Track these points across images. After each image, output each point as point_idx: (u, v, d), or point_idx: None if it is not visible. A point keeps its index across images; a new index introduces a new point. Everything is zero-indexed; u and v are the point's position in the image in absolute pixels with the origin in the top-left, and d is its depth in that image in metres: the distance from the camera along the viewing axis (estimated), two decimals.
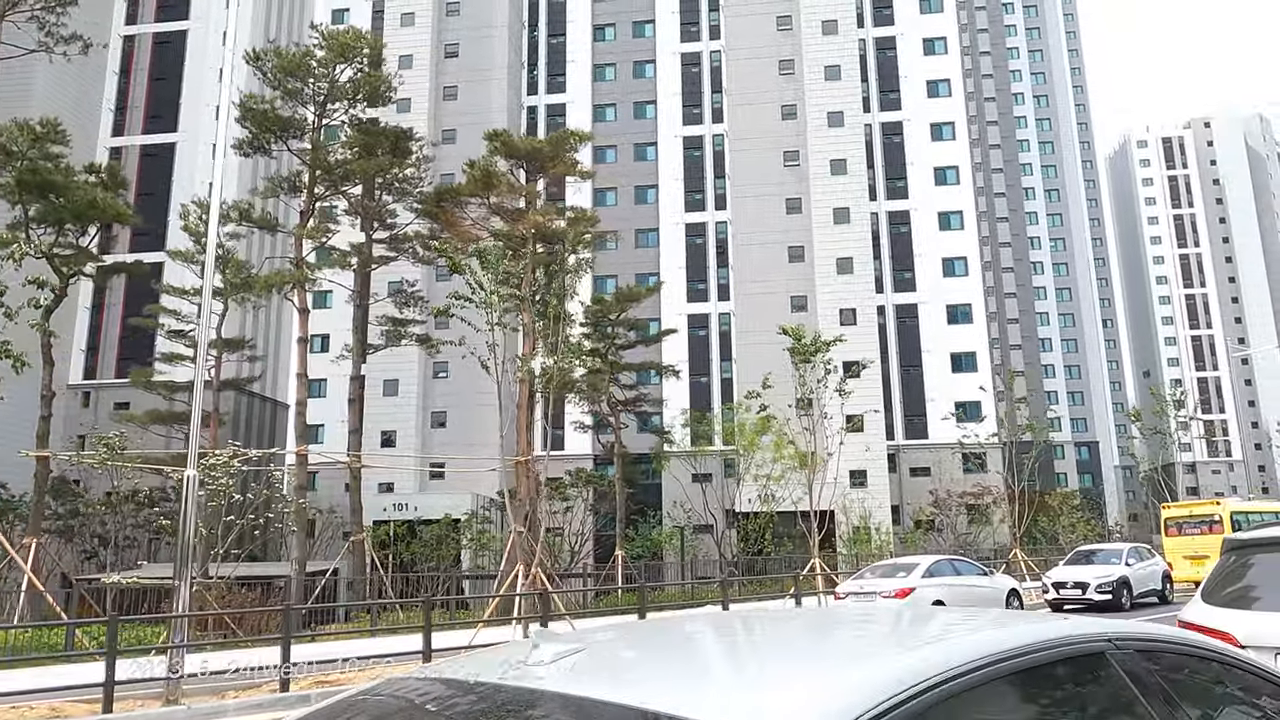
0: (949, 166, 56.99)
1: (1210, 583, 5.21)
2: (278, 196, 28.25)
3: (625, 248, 58.85)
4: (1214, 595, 5.04)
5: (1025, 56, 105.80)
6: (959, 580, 18.30)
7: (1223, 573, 5.15)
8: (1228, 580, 5.07)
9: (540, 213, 27.67)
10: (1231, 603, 4.88)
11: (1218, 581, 5.15)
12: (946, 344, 55.00)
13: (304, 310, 27.17)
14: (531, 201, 28.69)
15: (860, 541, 42.81)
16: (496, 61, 58.03)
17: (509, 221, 27.86)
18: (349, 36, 26.62)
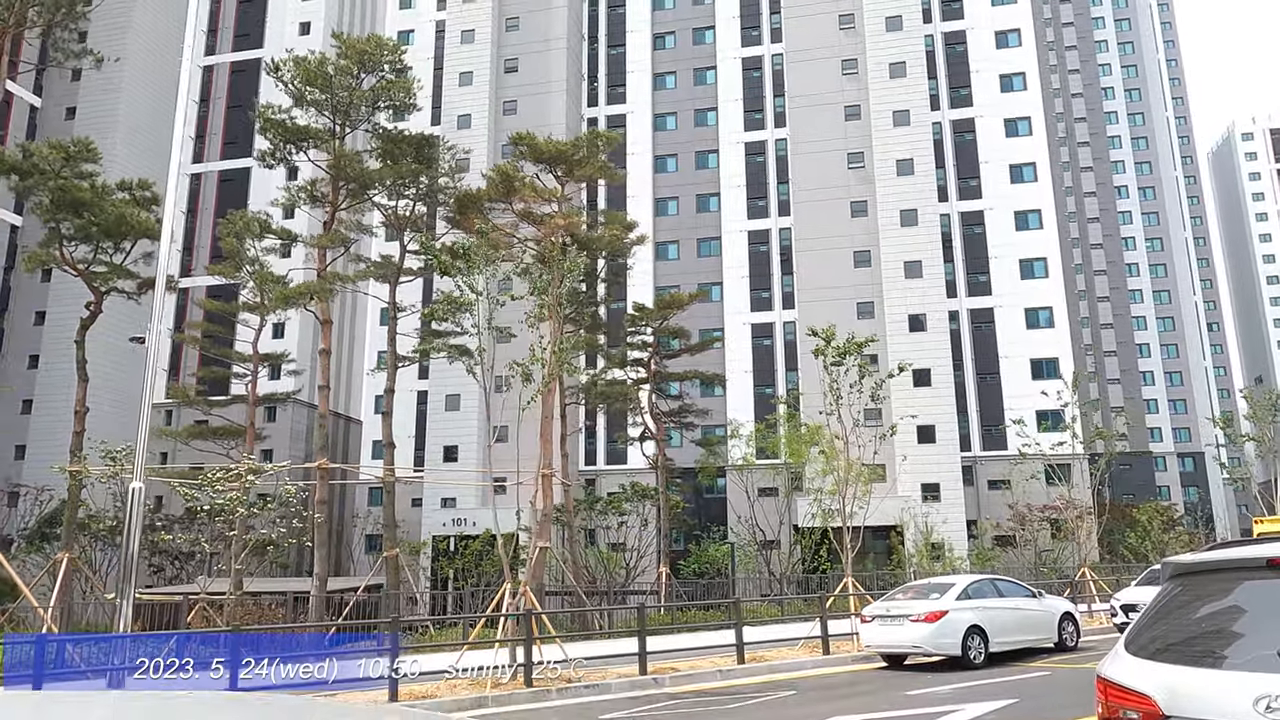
0: (1025, 163, 54.26)
1: (1141, 624, 3.90)
2: (299, 207, 28.33)
3: (687, 257, 57.89)
4: (1143, 642, 3.74)
5: (1115, 50, 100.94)
6: (1000, 603, 16.60)
7: (1160, 610, 3.84)
8: (1164, 620, 3.77)
9: (565, 215, 26.92)
10: (1162, 653, 3.59)
11: (1151, 622, 3.84)
12: (1026, 349, 52.18)
13: (326, 321, 27.03)
14: (560, 205, 28.01)
15: (930, 558, 40.60)
16: (554, 75, 57.90)
17: (536, 226, 27.21)
18: (367, 44, 26.50)
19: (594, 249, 29.86)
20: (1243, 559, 3.60)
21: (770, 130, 57.47)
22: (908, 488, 47.54)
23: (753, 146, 57.72)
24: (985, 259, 54.22)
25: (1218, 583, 3.65)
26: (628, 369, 34.06)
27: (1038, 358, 51.59)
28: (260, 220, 27.54)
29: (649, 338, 37.15)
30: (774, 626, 22.68)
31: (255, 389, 34.01)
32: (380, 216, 30.28)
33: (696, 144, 59.13)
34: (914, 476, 47.55)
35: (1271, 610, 3.42)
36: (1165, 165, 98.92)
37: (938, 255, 50.77)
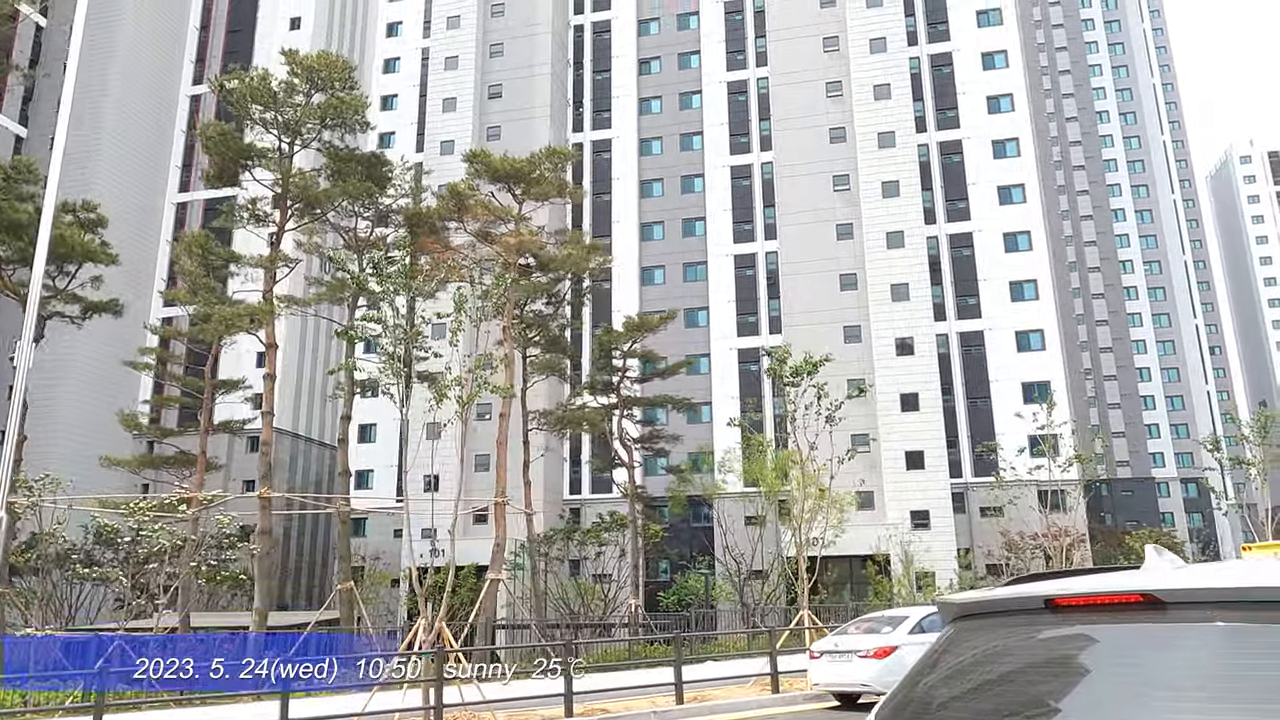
0: (1014, 185, 53.58)
1: (901, 692, 2.96)
2: (242, 228, 27.73)
3: (674, 281, 57.21)
4: (904, 716, 2.82)
5: (1109, 74, 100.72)
6: None
7: (929, 668, 2.93)
8: (928, 682, 2.86)
9: (518, 234, 26.20)
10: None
11: (916, 685, 2.93)
12: (1017, 373, 51.17)
13: (271, 345, 26.26)
14: (517, 224, 27.30)
15: (914, 588, 39.40)
16: (539, 100, 57.60)
17: (490, 246, 26.53)
18: (316, 61, 25.97)
19: (556, 270, 29.12)
20: (1018, 598, 2.70)
21: (756, 154, 57.00)
22: (896, 515, 46.43)
23: (739, 171, 57.21)
24: (974, 281, 53.40)
25: (995, 630, 2.76)
26: (597, 394, 33.18)
27: (1029, 381, 50.56)
28: (200, 241, 26.86)
29: (620, 361, 36.30)
30: (736, 662, 21.62)
31: (209, 417, 33.16)
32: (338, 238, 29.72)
33: (682, 168, 58.67)
34: (903, 504, 46.46)
35: (1042, 670, 2.54)
36: (1162, 188, 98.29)
37: (925, 278, 50.00)
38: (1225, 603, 2.23)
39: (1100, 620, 2.46)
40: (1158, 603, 2.31)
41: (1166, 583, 2.38)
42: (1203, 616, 2.25)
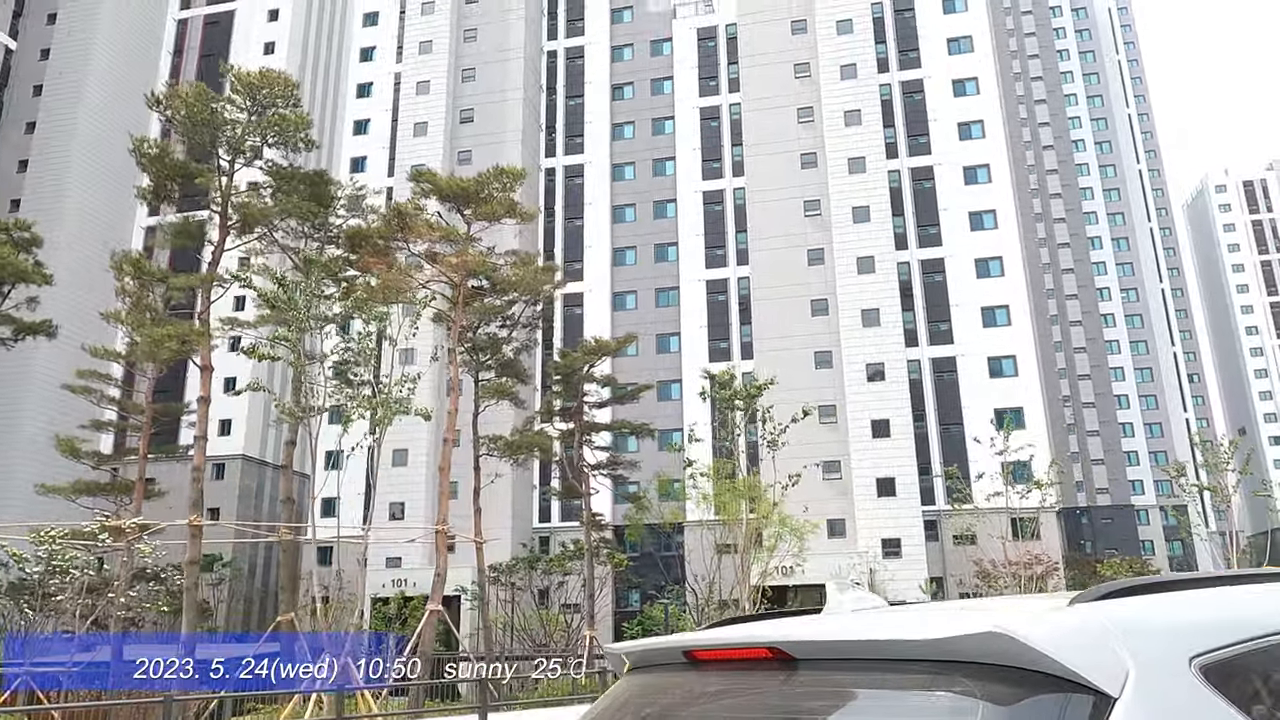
0: (985, 211, 53.50)
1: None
2: (184, 248, 27.17)
3: (646, 306, 56.80)
4: None
5: (1084, 103, 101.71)
6: None
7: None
8: None
9: (461, 254, 25.66)
10: None
11: None
12: (989, 400, 50.75)
13: (206, 368, 25.57)
14: (465, 245, 26.82)
15: None
16: (510, 125, 57.42)
17: (434, 266, 26.02)
18: (256, 78, 25.49)
19: (509, 292, 28.58)
20: (660, 650, 2.13)
21: (729, 179, 56.87)
22: (868, 542, 45.81)
23: (711, 195, 57.04)
24: (947, 307, 53.14)
25: (655, 683, 2.18)
26: (556, 419, 32.56)
27: (1002, 407, 50.09)
28: (132, 260, 26.15)
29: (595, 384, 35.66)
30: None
31: (146, 442, 32.31)
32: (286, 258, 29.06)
33: (655, 193, 58.49)
34: (874, 531, 45.86)
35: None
36: (1138, 216, 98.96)
37: (896, 303, 49.74)
38: (851, 659, 1.66)
39: (737, 678, 1.89)
40: (788, 658, 1.75)
41: (796, 635, 1.81)
42: (827, 676, 1.69)
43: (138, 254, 27.24)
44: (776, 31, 55.77)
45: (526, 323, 32.38)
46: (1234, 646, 1.56)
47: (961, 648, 1.48)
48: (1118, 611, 1.62)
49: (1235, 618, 1.68)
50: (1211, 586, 1.88)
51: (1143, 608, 1.68)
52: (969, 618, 1.57)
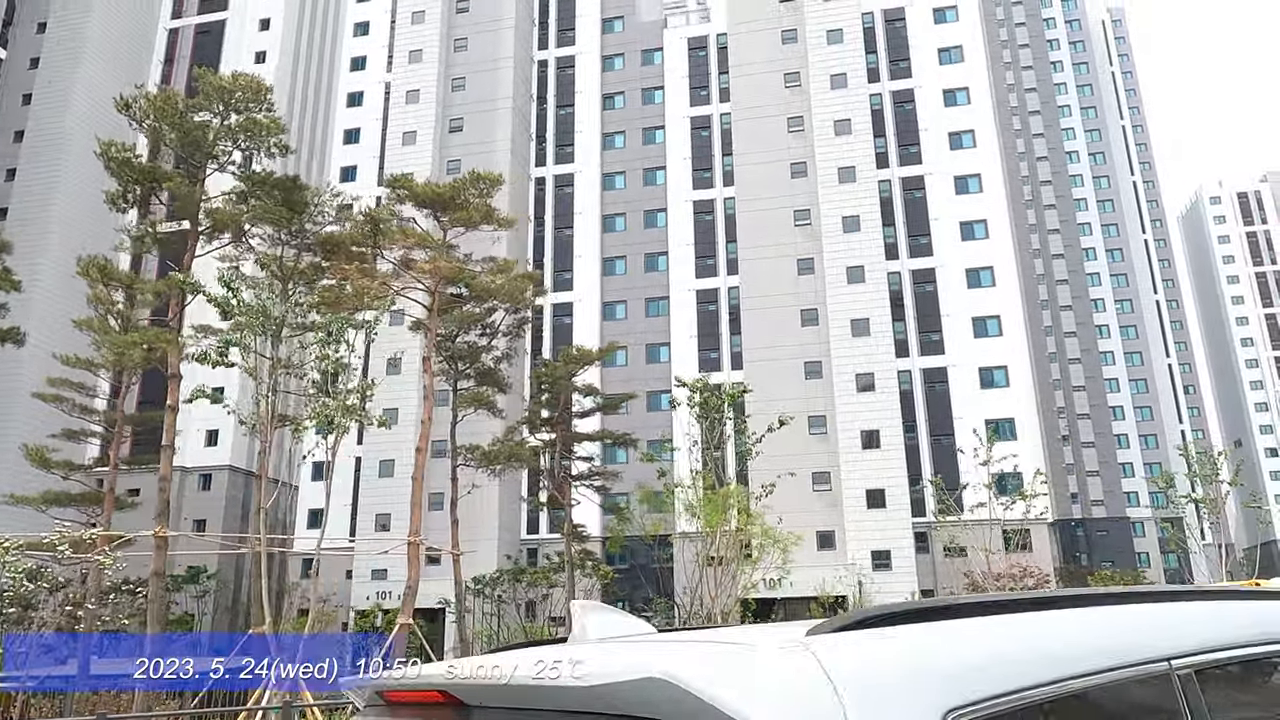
0: (976, 221, 53.28)
1: None
2: (150, 251, 26.81)
3: (635, 316, 56.48)
4: None
5: (1078, 115, 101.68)
6: None
7: None
8: None
9: (434, 260, 25.29)
10: None
11: None
12: (980, 410, 50.36)
13: (174, 376, 25.18)
14: (444, 251, 26.49)
15: None
16: (500, 134, 57.23)
17: (408, 273, 25.70)
18: (227, 81, 25.19)
19: (489, 300, 28.26)
20: (366, 688, 1.78)
21: (719, 189, 56.66)
22: (857, 554, 45.35)
23: (701, 205, 56.82)
24: (938, 317, 52.84)
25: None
26: (538, 429, 32.16)
27: (993, 418, 49.73)
28: (98, 263, 25.76)
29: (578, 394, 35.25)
30: None
31: (116, 452, 31.89)
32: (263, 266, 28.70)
33: (645, 203, 58.25)
34: (864, 543, 45.41)
35: None
36: (1132, 228, 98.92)
37: (886, 314, 49.44)
38: (519, 707, 1.30)
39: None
40: (459, 703, 1.39)
41: (465, 677, 1.45)
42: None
43: (104, 259, 26.78)
44: (767, 41, 55.67)
45: (508, 331, 32.06)
46: (999, 700, 1.17)
47: (622, 696, 1.11)
48: (853, 650, 1.24)
49: (1012, 659, 1.30)
50: (995, 614, 1.50)
51: (889, 646, 1.29)
52: (637, 658, 1.19)
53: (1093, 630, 1.45)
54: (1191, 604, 1.81)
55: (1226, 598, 1.99)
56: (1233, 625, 1.80)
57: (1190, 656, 1.42)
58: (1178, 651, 1.42)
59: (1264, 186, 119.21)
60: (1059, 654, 1.33)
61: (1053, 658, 1.31)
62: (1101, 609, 1.57)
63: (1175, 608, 1.71)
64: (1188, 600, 1.82)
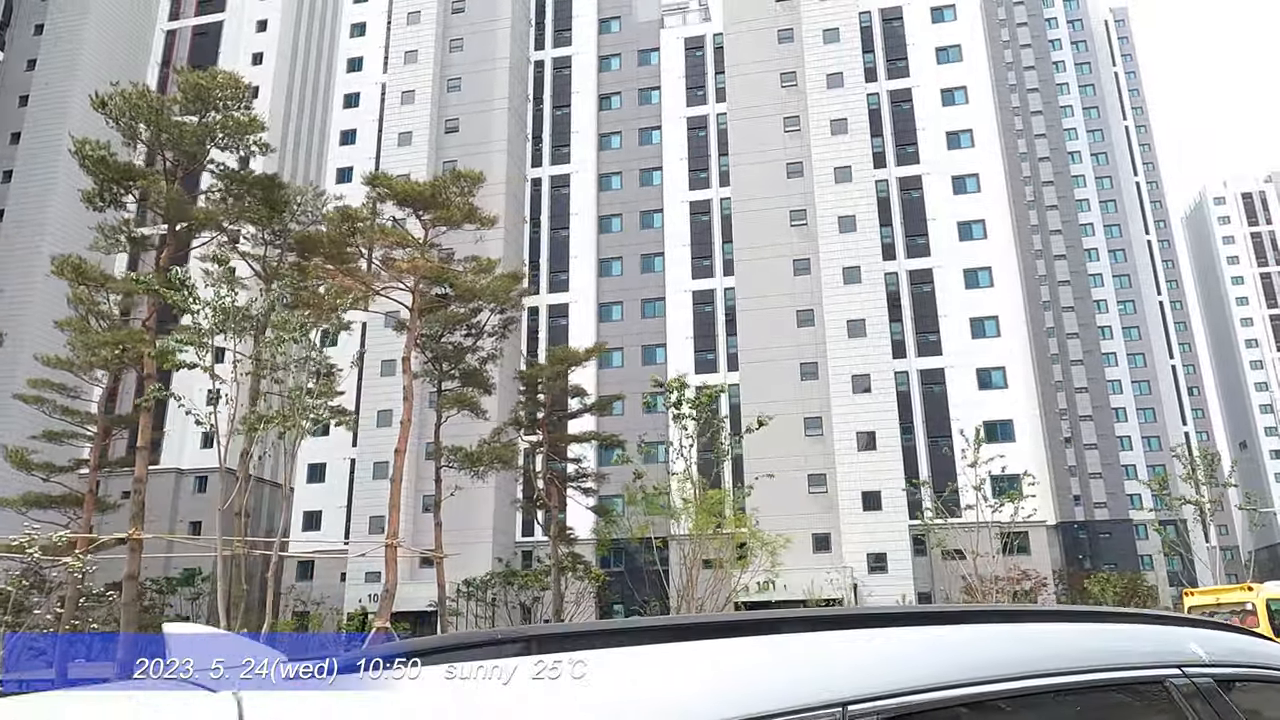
0: (975, 220, 52.87)
1: None
2: (123, 249, 26.55)
3: (631, 318, 56.19)
4: None
5: (1080, 115, 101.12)
6: None
7: None
8: None
9: (412, 259, 25.04)
10: None
11: None
12: (978, 412, 49.91)
13: (149, 376, 24.94)
14: (421, 250, 26.24)
15: None
16: (495, 135, 57.00)
17: (388, 271, 25.46)
18: (204, 78, 24.95)
19: (473, 300, 28.02)
20: None
21: (715, 189, 56.36)
22: (854, 557, 44.99)
23: (698, 206, 56.52)
24: (935, 318, 52.43)
25: None
26: (524, 431, 31.89)
27: (990, 420, 49.32)
28: (72, 262, 25.50)
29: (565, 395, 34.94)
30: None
31: (97, 453, 31.67)
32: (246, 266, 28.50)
33: (641, 204, 57.98)
34: (860, 545, 45.03)
35: None
36: (1135, 228, 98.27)
37: (883, 314, 49.06)
38: None
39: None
40: None
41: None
42: None
43: (79, 258, 26.49)
44: (763, 41, 55.37)
45: (494, 331, 31.78)
46: None
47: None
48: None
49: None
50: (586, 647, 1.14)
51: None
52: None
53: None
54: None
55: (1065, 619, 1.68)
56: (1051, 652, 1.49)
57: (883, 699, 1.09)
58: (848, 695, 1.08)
59: (1269, 187, 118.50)
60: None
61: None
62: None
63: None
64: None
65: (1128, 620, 1.75)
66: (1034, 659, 1.33)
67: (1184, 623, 1.79)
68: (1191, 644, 1.64)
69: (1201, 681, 1.53)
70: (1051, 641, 1.44)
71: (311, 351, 17.77)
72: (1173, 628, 1.74)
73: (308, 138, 69.42)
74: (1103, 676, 1.42)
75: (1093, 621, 1.67)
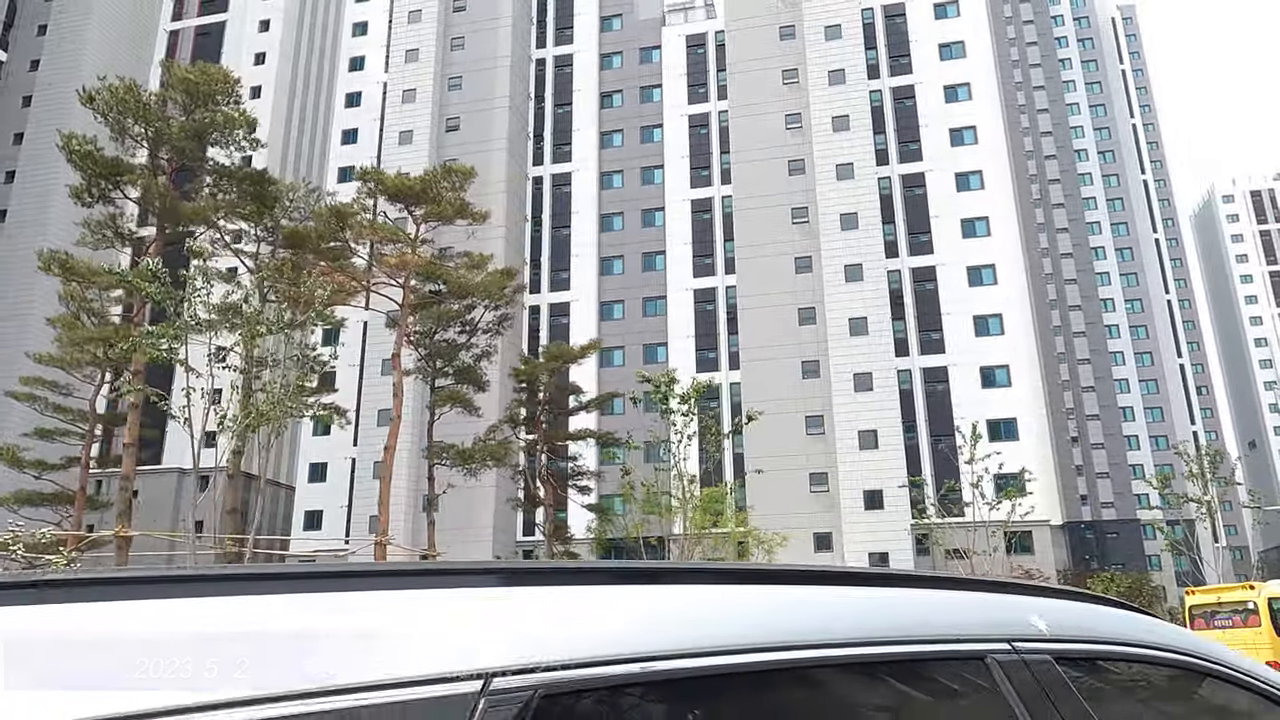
0: (977, 218, 52.48)
1: None
2: (112, 246, 26.44)
3: (633, 316, 55.98)
4: None
5: (1086, 113, 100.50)
6: None
7: None
8: None
9: (401, 254, 24.87)
10: None
11: None
12: (982, 411, 49.49)
13: (137, 372, 24.81)
14: (412, 245, 26.08)
15: None
16: (496, 133, 56.87)
17: (379, 266, 25.32)
18: (193, 73, 24.81)
19: (466, 297, 27.87)
20: None
21: (717, 187, 56.11)
22: (855, 557, 44.66)
23: (699, 204, 56.27)
24: (938, 316, 52.06)
25: None
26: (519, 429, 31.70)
27: (994, 419, 48.92)
28: (58, 257, 25.33)
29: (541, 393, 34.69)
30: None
31: (88, 450, 31.58)
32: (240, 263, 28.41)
33: (643, 202, 57.76)
34: (861, 545, 44.73)
35: None
36: (1142, 226, 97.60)
37: (885, 312, 48.75)
38: None
39: None
40: None
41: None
42: None
43: (65, 254, 26.33)
44: (765, 37, 55.11)
45: (488, 328, 31.60)
46: None
47: None
48: None
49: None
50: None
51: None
52: None
53: None
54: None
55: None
56: (879, 617, 1.28)
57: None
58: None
59: (1278, 184, 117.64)
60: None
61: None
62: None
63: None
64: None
65: (957, 587, 1.53)
66: (799, 628, 1.11)
67: (1028, 591, 1.58)
68: (1032, 616, 1.42)
69: (1034, 658, 1.31)
70: (829, 608, 1.22)
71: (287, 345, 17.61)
72: (1012, 596, 1.52)
73: (310, 137, 69.40)
74: (899, 650, 1.20)
75: (912, 587, 1.46)
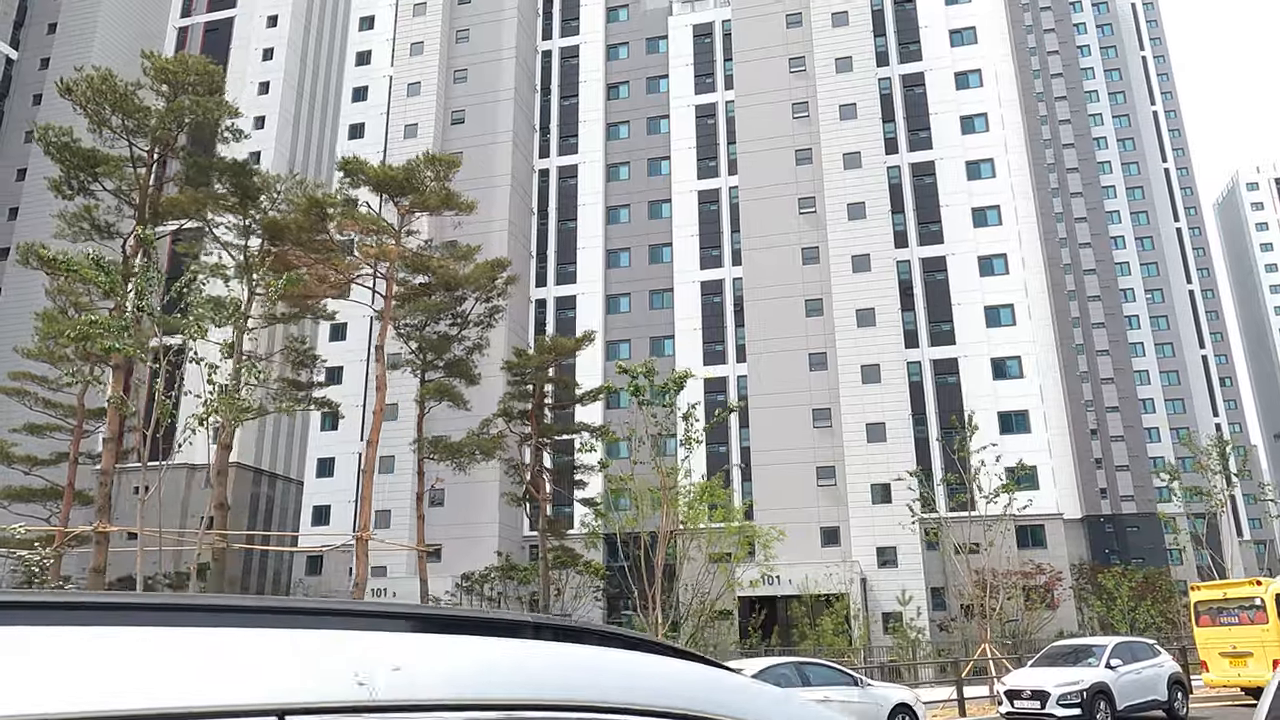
0: (989, 207, 51.56)
1: None
2: (92, 239, 26.21)
3: (639, 309, 55.48)
4: None
5: (1105, 100, 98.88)
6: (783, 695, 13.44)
7: None
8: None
9: (380, 245, 24.47)
10: None
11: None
12: (993, 403, 48.71)
13: (118, 367, 24.59)
14: (395, 236, 25.69)
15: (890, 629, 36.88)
16: (502, 126, 56.49)
17: (363, 258, 24.98)
18: (170, 63, 24.51)
19: (454, 288, 27.50)
20: None
21: (724, 178, 55.44)
22: (863, 551, 44.03)
23: (706, 195, 55.65)
24: (948, 306, 51.22)
25: None
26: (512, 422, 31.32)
27: (1005, 411, 48.14)
28: (38, 250, 25.10)
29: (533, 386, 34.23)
30: None
31: (77, 446, 31.49)
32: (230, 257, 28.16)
33: (650, 194, 57.20)
34: (869, 539, 44.05)
35: None
36: (1163, 215, 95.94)
37: (894, 303, 47.98)
38: None
39: None
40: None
41: None
42: None
43: (42, 245, 26.14)
44: (771, 26, 54.37)
45: (479, 321, 31.23)
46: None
47: None
48: None
49: None
50: None
51: None
52: None
53: None
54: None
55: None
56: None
57: None
58: None
59: None
60: None
61: None
62: None
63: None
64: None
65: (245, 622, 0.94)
66: None
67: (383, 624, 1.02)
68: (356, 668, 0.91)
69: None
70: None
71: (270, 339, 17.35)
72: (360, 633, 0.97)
73: (319, 132, 69.37)
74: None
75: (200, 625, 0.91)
